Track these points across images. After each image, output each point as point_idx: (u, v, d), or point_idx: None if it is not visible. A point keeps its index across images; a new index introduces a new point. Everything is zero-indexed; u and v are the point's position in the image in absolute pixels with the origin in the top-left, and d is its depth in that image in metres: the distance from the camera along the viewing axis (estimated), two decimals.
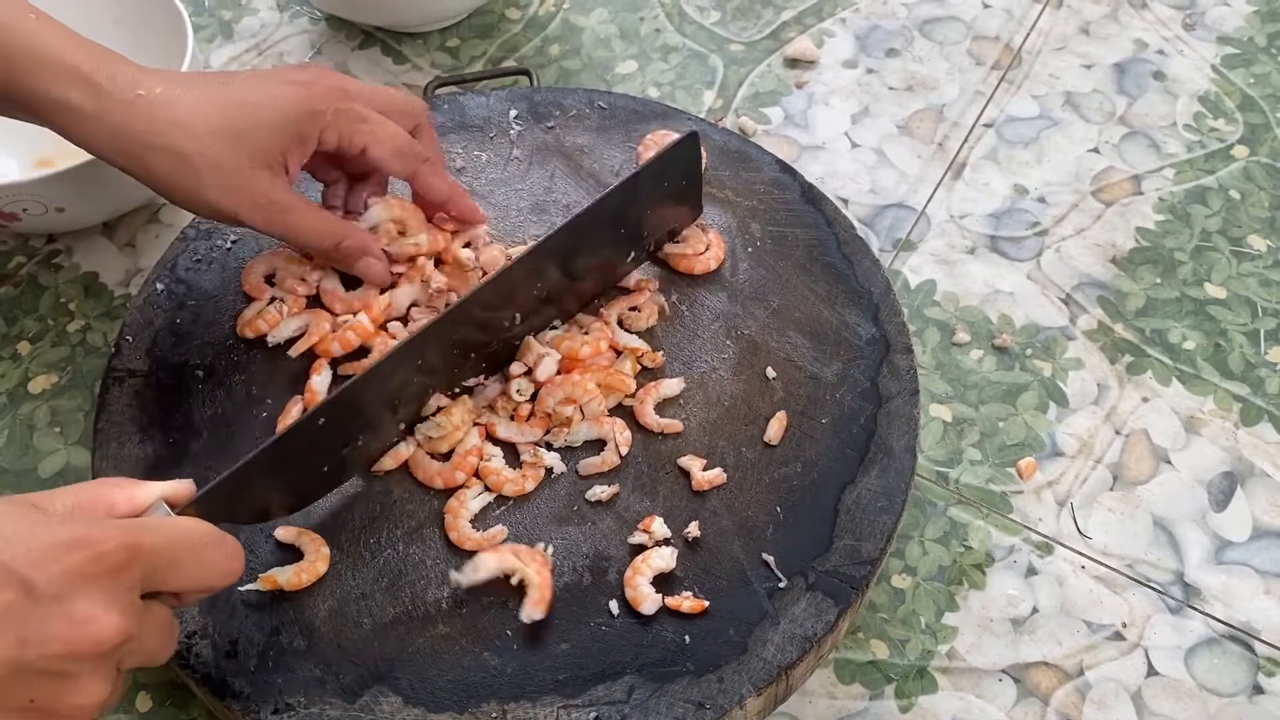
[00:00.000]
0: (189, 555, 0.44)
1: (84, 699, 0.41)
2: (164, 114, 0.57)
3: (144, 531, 0.43)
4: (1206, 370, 0.73)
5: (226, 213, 0.60)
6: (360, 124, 0.62)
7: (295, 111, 0.60)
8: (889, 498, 0.60)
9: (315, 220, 0.63)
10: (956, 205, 0.81)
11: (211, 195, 0.59)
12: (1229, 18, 0.92)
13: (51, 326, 0.76)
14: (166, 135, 0.57)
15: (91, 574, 0.40)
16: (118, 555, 0.41)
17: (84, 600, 0.40)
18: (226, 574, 0.47)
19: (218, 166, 0.58)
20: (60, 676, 0.40)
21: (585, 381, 0.62)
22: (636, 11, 0.94)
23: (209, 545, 0.46)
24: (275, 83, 0.61)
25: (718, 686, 0.55)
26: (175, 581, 0.44)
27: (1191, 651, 0.62)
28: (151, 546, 0.42)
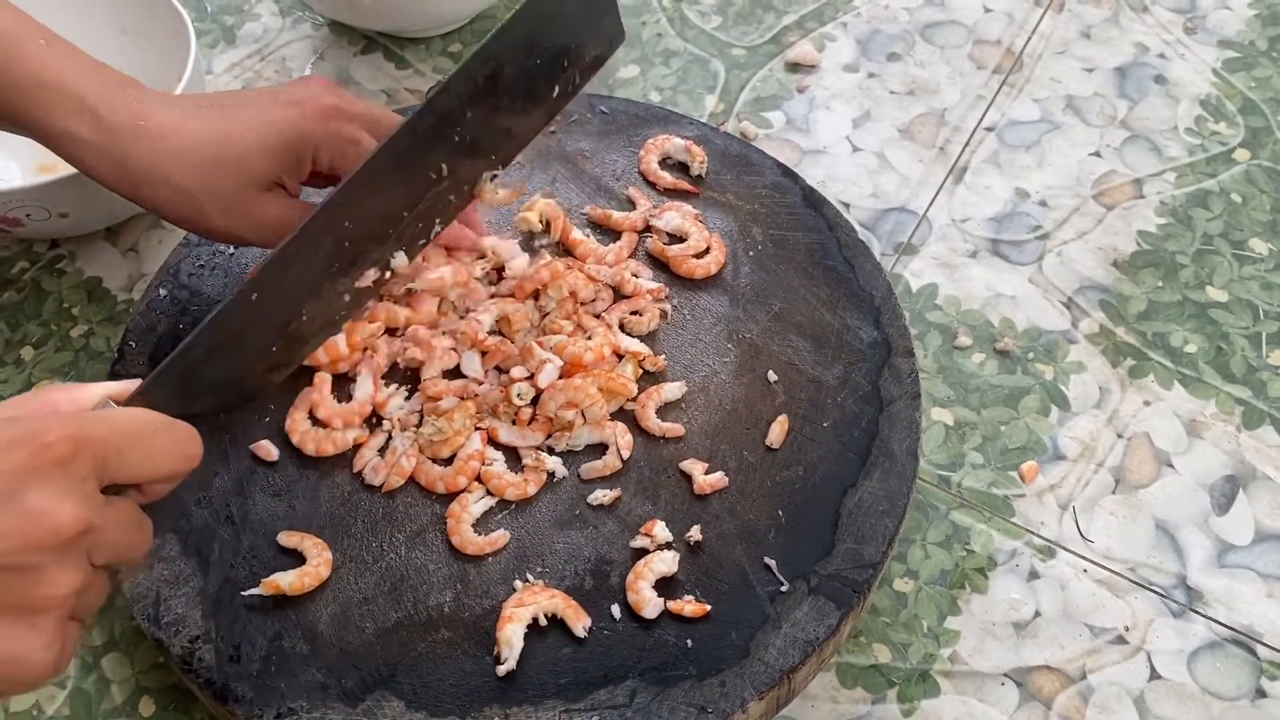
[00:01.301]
0: (137, 443, 0.44)
1: (53, 589, 0.41)
2: (163, 145, 0.58)
3: (87, 422, 0.42)
4: (1208, 373, 0.73)
5: (231, 235, 0.62)
6: (350, 148, 0.62)
7: (287, 135, 0.60)
8: (891, 501, 0.60)
9: None
10: (958, 209, 0.81)
11: (214, 221, 0.60)
12: (1230, 21, 0.92)
13: (55, 331, 0.76)
14: (166, 168, 0.58)
15: (38, 467, 0.40)
16: (63, 446, 0.41)
17: (34, 493, 0.40)
18: (183, 458, 0.46)
19: (217, 195, 0.59)
20: (23, 571, 0.40)
21: (587, 386, 0.62)
22: (638, 16, 0.94)
23: (157, 431, 0.45)
24: (270, 104, 0.61)
25: (720, 690, 0.55)
26: (129, 470, 0.44)
27: (1194, 655, 0.62)
28: (97, 436, 0.42)
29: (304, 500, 0.61)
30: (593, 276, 0.68)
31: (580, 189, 0.74)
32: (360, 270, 0.61)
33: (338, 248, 0.59)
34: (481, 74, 0.59)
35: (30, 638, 0.41)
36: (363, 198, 0.58)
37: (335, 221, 0.58)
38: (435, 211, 0.62)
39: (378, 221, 0.60)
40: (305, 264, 0.57)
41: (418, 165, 0.59)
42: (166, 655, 0.57)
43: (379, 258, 0.61)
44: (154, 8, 0.81)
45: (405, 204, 0.60)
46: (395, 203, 0.60)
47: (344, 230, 0.58)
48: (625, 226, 0.72)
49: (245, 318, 0.55)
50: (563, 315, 0.66)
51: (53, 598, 0.41)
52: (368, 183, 0.57)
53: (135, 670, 0.63)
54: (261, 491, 0.62)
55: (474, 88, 0.59)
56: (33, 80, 0.57)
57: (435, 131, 0.59)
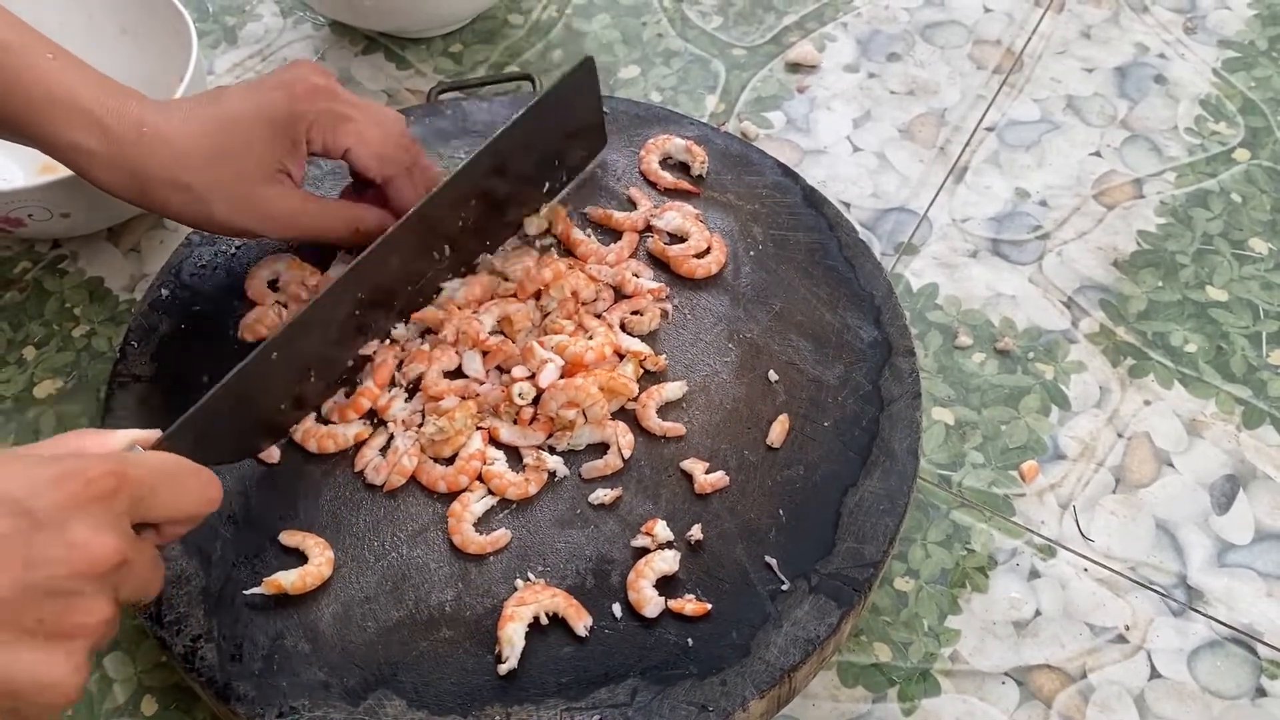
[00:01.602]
0: (169, 483, 0.47)
1: (89, 617, 0.43)
2: (166, 149, 0.59)
3: (128, 462, 0.45)
4: (1208, 373, 0.73)
5: (241, 230, 0.63)
6: (344, 123, 0.63)
7: (280, 118, 0.61)
8: (891, 500, 0.60)
9: (327, 215, 0.65)
10: (958, 209, 0.81)
11: (222, 218, 0.62)
12: (1230, 21, 0.93)
13: (57, 331, 0.77)
14: (170, 169, 0.60)
15: (85, 500, 0.43)
16: (107, 481, 0.43)
17: (80, 525, 0.42)
18: (206, 501, 0.49)
19: (221, 190, 0.61)
20: (65, 596, 0.42)
21: (588, 385, 0.62)
22: (639, 16, 0.94)
23: (186, 474, 0.48)
24: (261, 92, 0.62)
25: (720, 689, 0.55)
26: (159, 510, 0.47)
27: (1194, 654, 0.63)
28: (136, 475, 0.45)
29: (306, 499, 0.62)
30: (594, 276, 0.68)
31: (581, 189, 0.74)
32: (362, 338, 0.65)
33: (348, 317, 0.63)
34: (484, 171, 0.65)
35: (64, 663, 0.43)
36: (375, 274, 0.63)
37: (350, 293, 0.62)
38: (433, 284, 0.68)
39: (385, 295, 0.65)
40: (321, 329, 0.61)
41: (424, 247, 0.66)
42: (169, 654, 0.57)
43: (380, 328, 0.66)
44: (155, 8, 0.81)
45: (410, 280, 0.66)
46: (402, 279, 0.66)
47: (357, 301, 0.63)
48: (626, 226, 0.72)
49: (264, 376, 0.58)
50: (564, 315, 0.67)
51: (88, 625, 0.43)
52: (381, 261, 0.62)
53: (137, 669, 0.63)
54: (263, 491, 0.62)
55: (478, 184, 0.66)
56: (43, 95, 0.58)
57: (442, 218, 0.65)
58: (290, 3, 0.97)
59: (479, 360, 0.65)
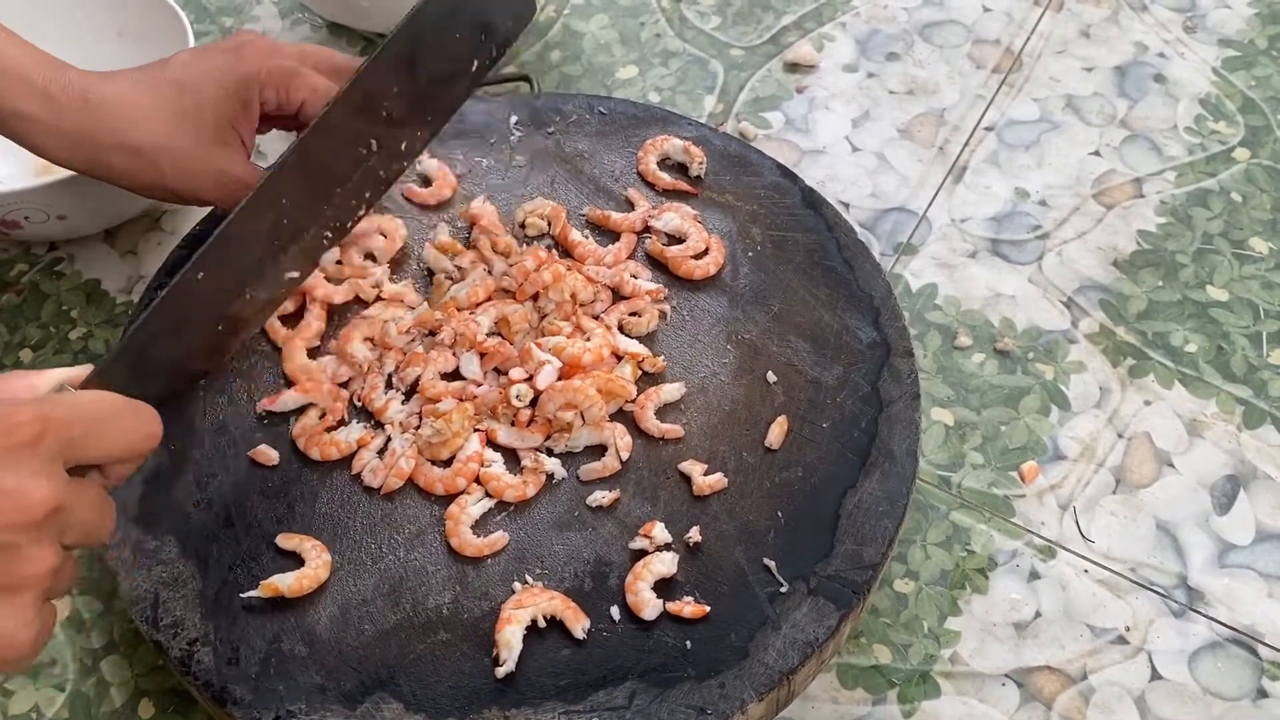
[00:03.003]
0: (101, 423, 0.45)
1: (32, 568, 0.42)
2: (113, 114, 0.60)
3: (53, 404, 0.43)
4: (1209, 373, 0.73)
5: (190, 196, 0.63)
6: (294, 78, 0.63)
7: (232, 79, 0.62)
8: (890, 502, 0.60)
9: None
10: (957, 209, 0.81)
11: (173, 183, 0.62)
12: (1230, 20, 0.92)
13: (54, 334, 0.76)
14: (120, 133, 0.60)
15: (7, 447, 0.41)
16: (31, 427, 0.41)
17: (6, 473, 0.41)
18: (145, 438, 0.47)
19: (171, 153, 0.61)
20: (1, 550, 0.41)
21: (586, 387, 0.62)
22: (637, 17, 0.94)
23: (120, 412, 0.46)
24: (209, 56, 0.63)
25: (719, 692, 0.55)
26: (94, 451, 0.45)
27: (1195, 655, 0.62)
28: (63, 417, 0.43)
29: (303, 502, 0.61)
30: (592, 278, 0.68)
31: (579, 190, 0.74)
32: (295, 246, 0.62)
33: (276, 225, 0.60)
34: (404, 50, 0.61)
35: (11, 616, 0.42)
36: (297, 175, 0.59)
37: (273, 199, 0.58)
38: (366, 185, 0.64)
39: (312, 198, 0.61)
40: (246, 243, 0.58)
41: (349, 140, 0.61)
42: (165, 658, 0.57)
43: (314, 235, 0.62)
44: (152, 9, 0.81)
45: (338, 180, 0.62)
46: (328, 178, 0.62)
47: (281, 207, 0.59)
48: (624, 227, 0.71)
49: (192, 298, 0.56)
50: (561, 316, 0.66)
51: (31, 576, 0.42)
52: (302, 160, 0.59)
53: (134, 673, 0.63)
54: (260, 493, 0.62)
55: (397, 63, 0.61)
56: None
57: (363, 108, 0.61)
58: (288, 4, 0.97)
59: (476, 362, 0.65)
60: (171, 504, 0.61)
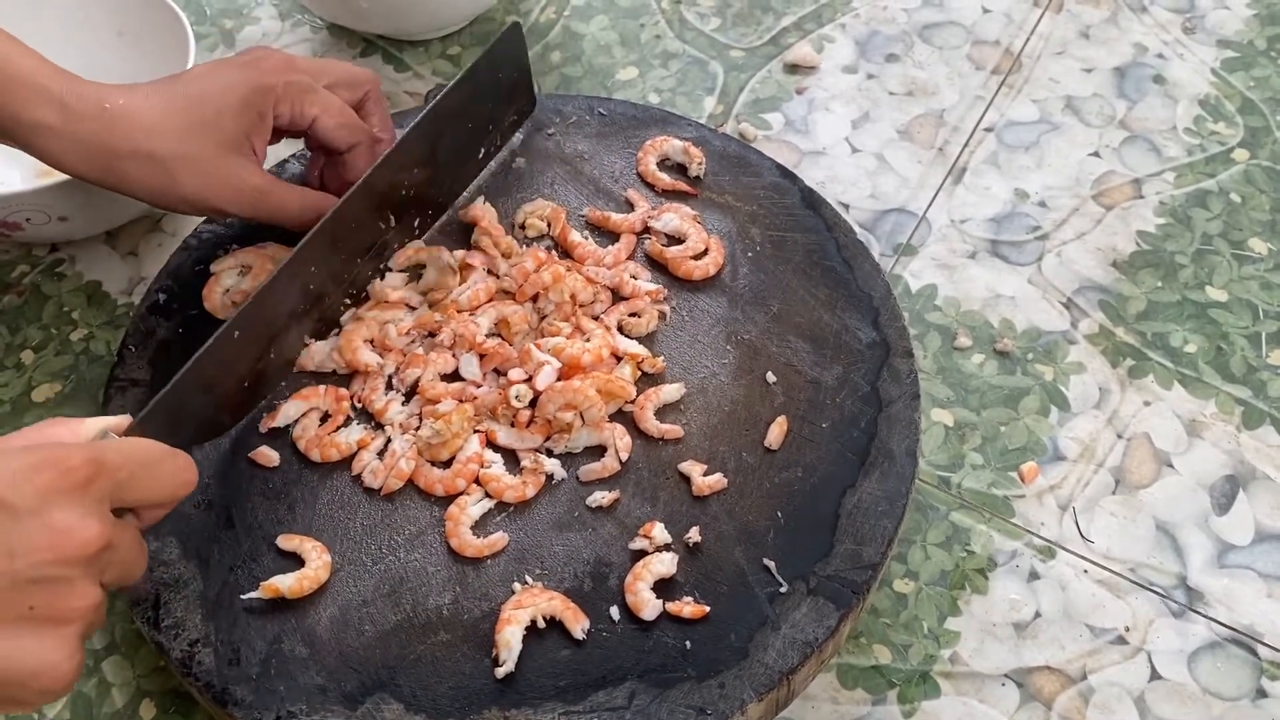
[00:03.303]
0: (145, 468, 0.47)
1: (80, 601, 0.44)
2: (130, 123, 0.60)
3: (103, 449, 0.45)
4: (1208, 373, 0.73)
5: (206, 206, 0.63)
6: (308, 94, 0.64)
7: (248, 91, 0.62)
8: (890, 502, 0.60)
9: (293, 197, 0.66)
10: (957, 210, 0.81)
11: (188, 191, 0.62)
12: (1229, 21, 0.92)
13: (55, 335, 0.77)
14: (136, 141, 0.60)
15: (63, 488, 0.43)
16: (85, 469, 0.43)
17: (60, 511, 0.43)
18: (183, 484, 0.49)
19: (189, 162, 0.61)
20: (53, 583, 0.43)
21: (585, 388, 0.62)
22: (637, 18, 0.94)
23: (162, 458, 0.48)
24: (226, 69, 0.63)
25: (719, 692, 0.55)
26: (137, 494, 0.47)
27: (1194, 655, 0.62)
28: (112, 461, 0.45)
29: (303, 503, 0.61)
30: (591, 278, 0.68)
31: (579, 191, 0.74)
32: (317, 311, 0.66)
33: (304, 290, 0.64)
34: (423, 141, 0.67)
35: (58, 648, 0.43)
36: (328, 243, 0.64)
37: (305, 264, 0.63)
38: (381, 256, 0.69)
39: (337, 265, 0.66)
40: (277, 305, 0.62)
41: (372, 215, 0.67)
42: (166, 658, 0.57)
43: (334, 300, 0.67)
44: (152, 11, 0.81)
45: (360, 250, 0.67)
46: (352, 249, 0.67)
47: (309, 275, 0.64)
48: (624, 228, 0.72)
49: (229, 354, 0.59)
50: (561, 317, 0.67)
51: (79, 609, 0.44)
52: (333, 229, 0.64)
53: (136, 674, 0.63)
54: (261, 495, 0.62)
55: (416, 152, 0.67)
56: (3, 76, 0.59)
57: (387, 189, 0.67)
58: (288, 5, 0.97)
59: (476, 363, 0.65)
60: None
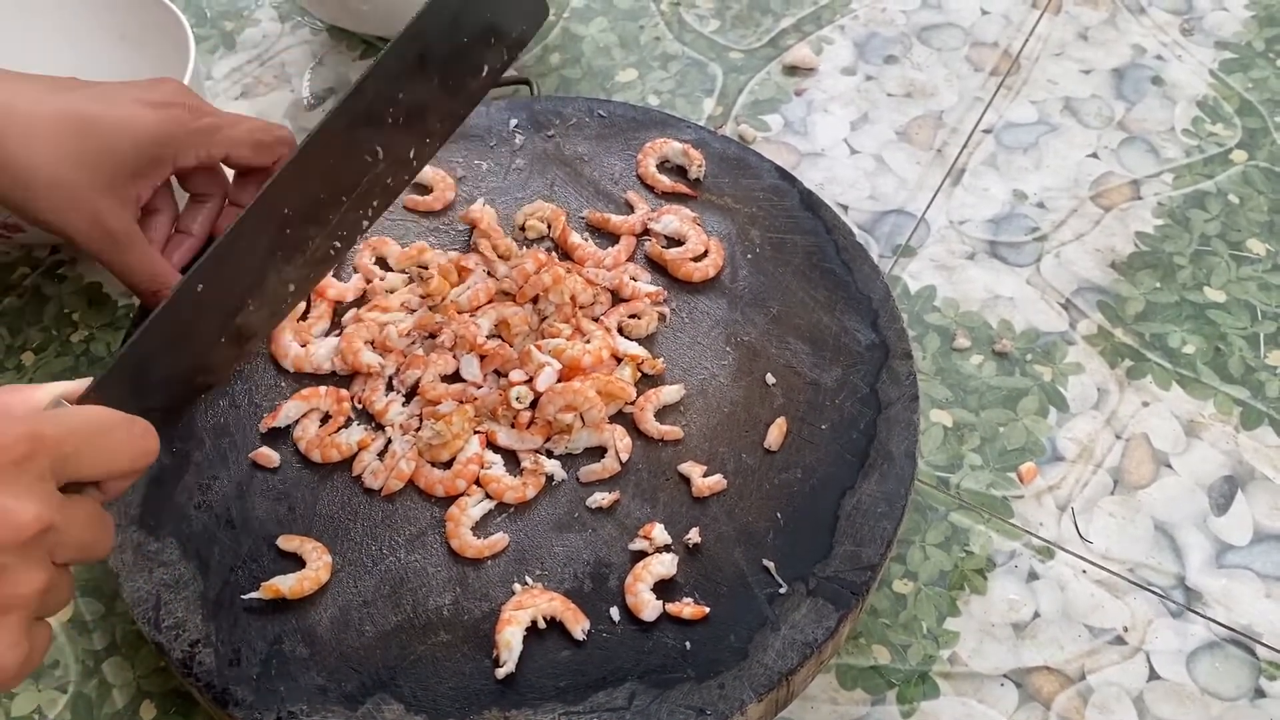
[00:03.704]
0: (94, 440, 0.44)
1: (22, 588, 0.41)
2: (12, 128, 0.57)
3: (43, 422, 0.42)
4: (1206, 374, 0.73)
5: (59, 231, 0.60)
6: (214, 134, 0.62)
7: (148, 137, 0.60)
8: (889, 503, 0.60)
9: (143, 262, 0.62)
10: (956, 211, 0.81)
11: (45, 214, 0.59)
12: (1227, 23, 0.93)
13: (55, 337, 0.77)
14: (9, 149, 0.57)
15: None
16: (19, 446, 0.41)
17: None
18: (141, 454, 0.46)
19: (57, 187, 0.58)
20: None
21: (585, 389, 0.62)
22: (636, 20, 0.94)
23: (115, 428, 0.45)
24: (129, 102, 0.60)
25: (719, 693, 0.55)
26: (87, 468, 0.44)
27: (1193, 655, 0.62)
28: (53, 435, 0.42)
29: (303, 504, 0.62)
30: (591, 280, 0.68)
31: (578, 193, 0.74)
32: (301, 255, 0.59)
33: (279, 234, 0.57)
34: (411, 52, 0.59)
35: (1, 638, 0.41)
36: (301, 181, 0.57)
37: (275, 207, 0.57)
38: (373, 194, 0.61)
39: (317, 205, 0.59)
40: (247, 252, 0.56)
41: (354, 147, 0.59)
42: (167, 659, 0.57)
43: (320, 245, 0.60)
44: (153, 14, 0.81)
45: (344, 187, 0.60)
46: (333, 186, 0.59)
47: (284, 216, 0.57)
48: (623, 230, 0.72)
49: (192, 310, 0.54)
50: (561, 319, 0.67)
51: (19, 596, 0.41)
52: (305, 166, 0.57)
53: (136, 674, 0.63)
54: (261, 495, 0.62)
55: (404, 66, 0.59)
56: None
57: (369, 112, 0.59)
58: (288, 8, 0.97)
59: (476, 364, 0.65)
60: (173, 506, 0.61)
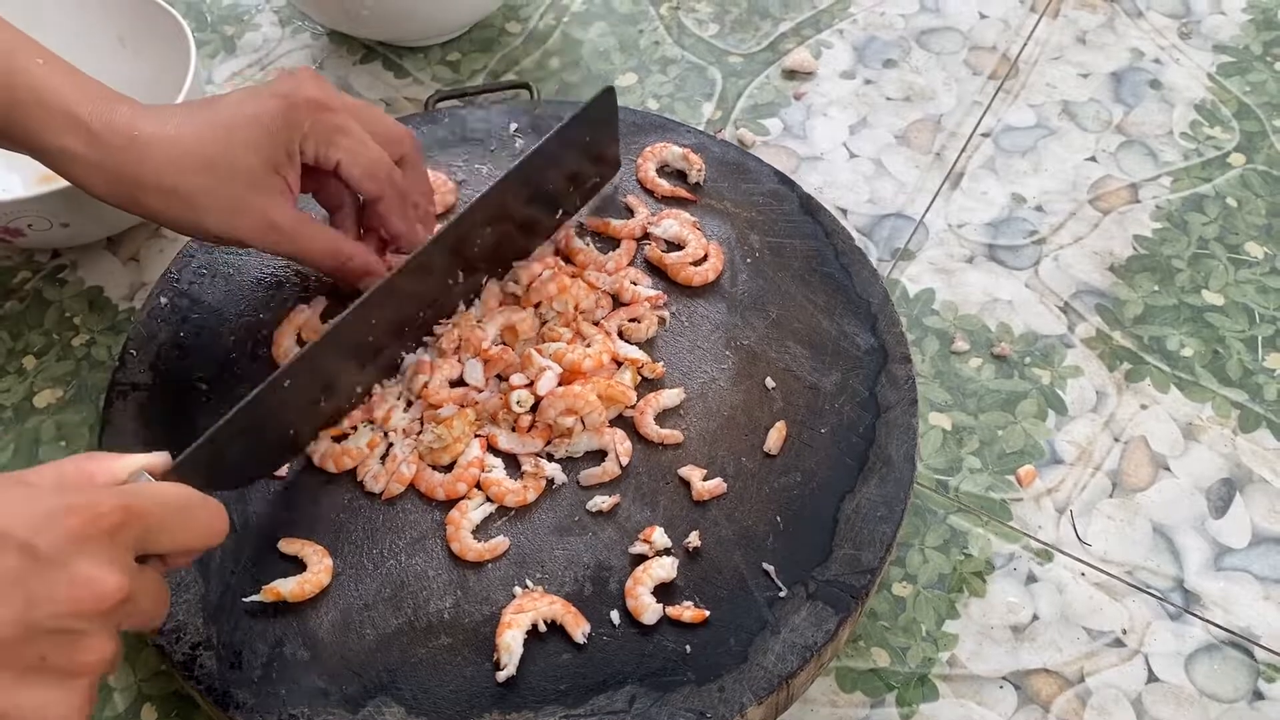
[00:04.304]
0: (177, 516, 0.46)
1: (93, 656, 0.42)
2: (157, 154, 0.58)
3: (135, 495, 0.44)
4: (1205, 377, 0.73)
5: (231, 239, 0.62)
6: (338, 135, 0.62)
7: (276, 126, 0.60)
8: (888, 507, 0.61)
9: (320, 239, 0.63)
10: (954, 214, 0.82)
11: (212, 225, 0.61)
12: (1224, 26, 0.93)
13: (56, 341, 0.77)
14: (161, 174, 0.59)
15: (90, 536, 0.42)
16: (114, 517, 0.42)
17: (85, 561, 0.41)
18: (214, 533, 0.48)
19: (212, 196, 0.60)
20: (68, 635, 0.42)
21: (586, 393, 0.62)
22: (635, 24, 0.95)
23: (195, 506, 0.47)
24: (258, 98, 0.61)
25: (719, 696, 0.55)
26: (167, 542, 0.46)
27: (1192, 658, 0.63)
28: (143, 508, 0.44)
29: (304, 507, 0.62)
30: (592, 284, 0.69)
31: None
32: (375, 362, 0.64)
33: (362, 344, 0.62)
34: (502, 199, 0.65)
35: (66, 700, 0.42)
36: (389, 301, 0.62)
37: (364, 321, 0.61)
38: (444, 311, 0.67)
39: (401, 320, 0.65)
40: (332, 358, 0.61)
41: (439, 275, 0.65)
42: (168, 662, 0.58)
43: (391, 352, 0.65)
44: (154, 18, 0.81)
45: (423, 306, 0.66)
46: (416, 305, 0.65)
47: (370, 328, 0.62)
48: (624, 234, 0.72)
49: (276, 404, 0.58)
50: (562, 323, 0.67)
51: (93, 663, 0.43)
52: (396, 289, 0.62)
53: (137, 677, 0.63)
54: (262, 498, 0.62)
55: (497, 208, 0.65)
56: (33, 100, 0.58)
57: (463, 244, 0.65)
58: (289, 12, 0.97)
59: (480, 369, 0.65)
60: None
